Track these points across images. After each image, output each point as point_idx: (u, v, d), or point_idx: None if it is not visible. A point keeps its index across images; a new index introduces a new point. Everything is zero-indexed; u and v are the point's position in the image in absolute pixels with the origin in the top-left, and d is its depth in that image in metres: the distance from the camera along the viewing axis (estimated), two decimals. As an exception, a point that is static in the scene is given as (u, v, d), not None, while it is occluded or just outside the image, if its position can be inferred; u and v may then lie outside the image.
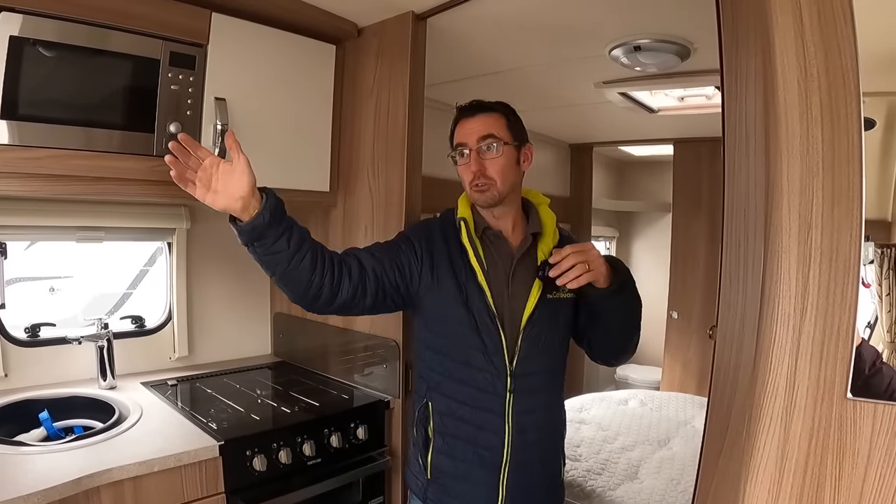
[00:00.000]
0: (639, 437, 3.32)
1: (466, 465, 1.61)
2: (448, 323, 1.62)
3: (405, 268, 1.63)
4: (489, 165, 1.59)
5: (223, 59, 1.92)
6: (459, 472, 1.62)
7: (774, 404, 1.09)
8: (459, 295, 1.59)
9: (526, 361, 1.59)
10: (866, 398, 1.01)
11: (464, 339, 1.59)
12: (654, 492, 2.65)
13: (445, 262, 1.62)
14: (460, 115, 1.68)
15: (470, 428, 1.60)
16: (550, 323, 1.63)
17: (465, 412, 1.61)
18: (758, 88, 1.18)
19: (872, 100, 1.04)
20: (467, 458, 1.61)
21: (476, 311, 1.58)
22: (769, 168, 1.13)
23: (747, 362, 1.17)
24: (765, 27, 1.13)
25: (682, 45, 2.21)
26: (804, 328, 1.07)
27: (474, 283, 1.59)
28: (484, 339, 1.57)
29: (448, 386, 1.63)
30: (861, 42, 1.02)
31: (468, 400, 1.60)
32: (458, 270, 1.61)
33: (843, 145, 1.03)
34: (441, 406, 1.64)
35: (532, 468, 1.64)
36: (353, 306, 1.60)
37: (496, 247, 1.65)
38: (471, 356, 1.59)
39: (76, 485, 1.41)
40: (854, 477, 1.00)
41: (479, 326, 1.57)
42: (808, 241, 1.07)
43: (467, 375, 1.60)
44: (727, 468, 1.20)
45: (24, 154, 1.57)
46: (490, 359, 1.57)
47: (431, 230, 1.69)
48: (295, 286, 1.52)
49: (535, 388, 1.63)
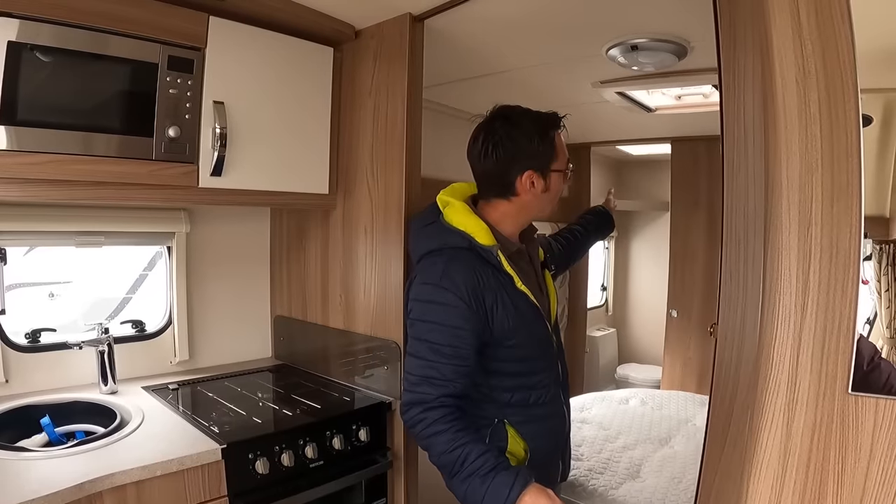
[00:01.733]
0: (640, 436, 3.32)
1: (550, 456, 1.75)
2: (517, 349, 1.61)
3: (480, 335, 1.52)
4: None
5: (221, 63, 1.92)
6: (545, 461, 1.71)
7: (776, 400, 1.10)
8: (522, 325, 1.59)
9: (560, 348, 1.78)
10: (866, 393, 1.01)
11: (531, 356, 1.66)
12: (656, 490, 2.65)
13: (494, 299, 1.52)
14: (558, 126, 1.61)
15: (550, 422, 1.71)
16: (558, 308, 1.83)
17: (540, 411, 1.67)
18: (756, 86, 1.19)
19: (870, 96, 1.04)
20: (549, 448, 1.73)
21: (535, 329, 1.65)
22: (768, 165, 1.14)
23: (748, 359, 1.17)
24: (762, 25, 1.13)
25: (679, 44, 2.21)
26: (805, 324, 1.07)
27: (527, 305, 1.61)
28: (543, 347, 1.69)
29: (522, 397, 1.64)
30: (858, 39, 1.02)
31: (540, 400, 1.67)
32: (508, 301, 1.55)
33: (842, 142, 1.04)
34: (519, 416, 1.64)
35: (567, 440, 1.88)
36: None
37: (522, 260, 1.69)
38: (536, 365, 1.67)
39: (79, 490, 1.41)
40: (857, 471, 1.01)
41: (541, 341, 1.68)
42: (807, 238, 1.07)
43: (537, 381, 1.67)
44: (730, 465, 1.20)
45: (23, 159, 1.57)
46: (547, 358, 1.71)
47: (466, 279, 1.50)
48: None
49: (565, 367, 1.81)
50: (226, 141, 1.90)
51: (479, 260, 1.54)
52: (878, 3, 1.07)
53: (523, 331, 1.59)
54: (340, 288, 2.39)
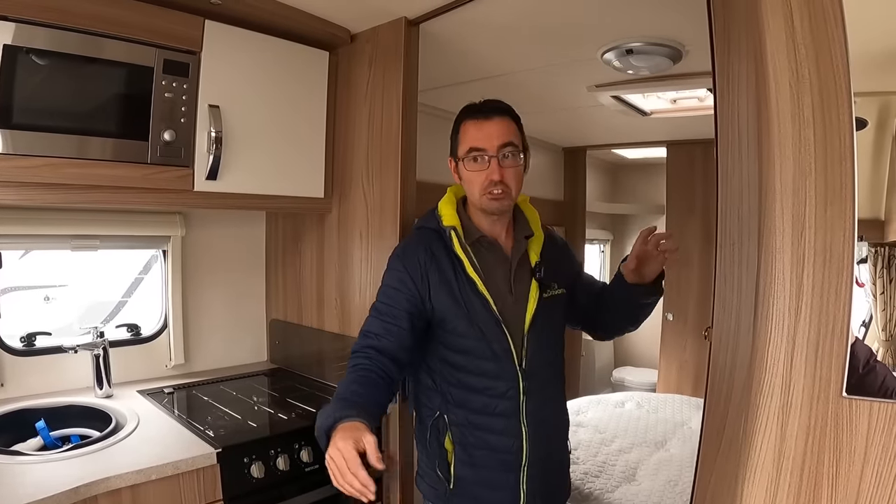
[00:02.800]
0: (636, 439, 3.32)
1: (489, 472, 1.60)
2: (457, 337, 1.59)
3: (416, 304, 1.58)
4: (507, 174, 1.56)
5: (217, 67, 1.92)
6: (482, 478, 1.61)
7: (771, 404, 1.10)
8: (459, 309, 1.57)
9: (533, 361, 1.59)
10: (861, 396, 1.02)
11: (474, 350, 1.58)
12: (651, 493, 2.66)
13: (438, 278, 1.58)
14: (472, 115, 1.60)
15: (489, 435, 1.59)
16: (549, 320, 1.64)
17: (482, 421, 1.59)
18: (750, 90, 1.19)
19: (863, 100, 1.05)
20: (489, 465, 1.60)
21: (481, 321, 1.56)
22: (762, 169, 1.14)
23: (743, 362, 1.18)
24: (756, 29, 1.14)
25: (674, 48, 2.22)
26: (799, 327, 1.07)
27: (475, 293, 1.57)
28: (493, 347, 1.56)
29: (464, 397, 1.61)
30: (852, 43, 1.03)
31: (484, 408, 1.59)
32: (454, 284, 1.58)
33: (836, 146, 1.04)
34: (458, 418, 1.61)
35: (546, 462, 1.65)
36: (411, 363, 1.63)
37: (492, 253, 1.63)
38: (483, 366, 1.58)
39: (74, 494, 1.41)
40: (851, 475, 1.01)
41: (486, 335, 1.56)
42: (801, 241, 1.08)
43: (481, 384, 1.58)
44: (725, 468, 1.20)
45: (18, 163, 1.57)
46: (501, 365, 1.57)
47: (416, 251, 1.62)
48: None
49: (543, 385, 1.63)
50: (221, 145, 1.90)
51: (439, 240, 1.62)
52: (871, 7, 1.07)
53: (464, 319, 1.56)
54: (336, 291, 2.39)
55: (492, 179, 1.55)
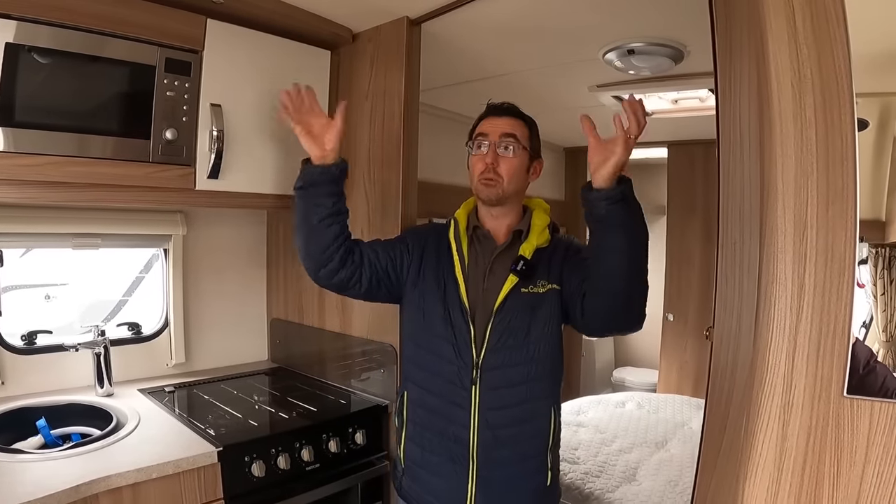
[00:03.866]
0: (636, 440, 3.32)
1: (436, 458, 1.63)
2: (424, 315, 1.66)
3: (397, 260, 1.72)
4: (502, 162, 1.62)
5: (219, 65, 1.92)
6: (430, 463, 1.64)
7: (772, 403, 1.10)
8: (438, 289, 1.64)
9: (495, 355, 1.57)
10: (862, 396, 1.02)
11: (437, 330, 1.63)
12: (652, 493, 2.66)
13: (433, 258, 1.69)
14: (489, 111, 1.70)
15: (439, 419, 1.62)
16: (524, 316, 1.59)
17: (434, 402, 1.64)
18: (752, 91, 1.19)
19: (865, 100, 1.05)
20: (436, 450, 1.63)
21: (451, 303, 1.62)
22: (764, 169, 1.14)
23: (744, 362, 1.18)
24: (758, 30, 1.14)
25: (676, 49, 2.22)
26: (801, 327, 1.07)
27: (452, 276, 1.64)
28: (455, 332, 1.60)
29: (421, 376, 1.67)
30: (854, 43, 1.03)
31: (438, 391, 1.63)
32: (442, 265, 1.67)
33: (837, 146, 1.04)
34: (414, 395, 1.69)
35: (507, 468, 1.59)
36: (349, 287, 1.71)
37: (482, 245, 1.68)
38: (442, 347, 1.62)
39: (75, 492, 1.41)
40: (852, 475, 1.01)
41: (452, 319, 1.61)
42: (803, 242, 1.08)
43: (437, 367, 1.63)
44: (725, 468, 1.20)
45: (20, 161, 1.57)
46: (458, 351, 1.59)
47: (431, 231, 1.78)
48: (315, 244, 1.66)
49: (508, 383, 1.58)
50: (223, 143, 1.90)
51: (446, 228, 1.73)
52: (873, 8, 1.07)
53: (438, 299, 1.64)
54: (337, 291, 2.38)
55: (486, 163, 1.62)
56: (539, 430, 1.63)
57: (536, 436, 1.62)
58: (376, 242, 1.77)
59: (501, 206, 1.67)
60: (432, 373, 1.64)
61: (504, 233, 1.69)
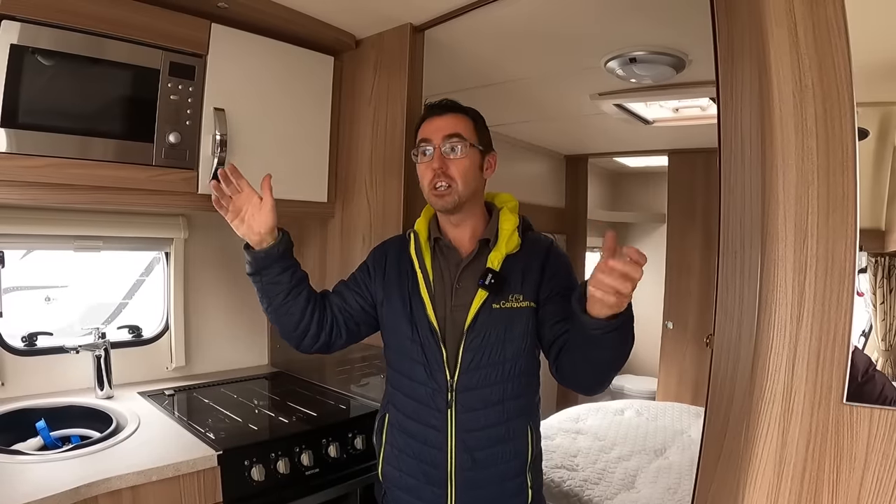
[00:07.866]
0: (635, 447, 3.32)
1: (414, 480, 1.57)
2: (396, 336, 1.59)
3: (364, 292, 1.67)
4: (452, 166, 1.51)
5: (222, 70, 1.93)
6: (407, 485, 1.58)
7: (772, 410, 1.10)
8: (404, 308, 1.56)
9: (470, 376, 1.49)
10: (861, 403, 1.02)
11: (408, 352, 1.56)
12: (650, 501, 2.66)
13: (395, 273, 1.62)
14: (428, 112, 1.59)
15: (415, 443, 1.56)
16: (498, 334, 1.49)
17: (410, 426, 1.57)
18: (753, 100, 1.20)
19: (865, 110, 1.06)
20: (413, 473, 1.57)
21: (419, 323, 1.54)
22: (765, 178, 1.15)
23: (744, 369, 1.18)
24: (760, 40, 1.15)
25: (678, 57, 2.23)
26: (801, 335, 1.08)
27: (418, 294, 1.55)
28: (426, 353, 1.52)
29: (399, 399, 1.60)
30: (854, 53, 1.03)
31: (413, 414, 1.56)
32: (405, 283, 1.59)
33: (838, 155, 1.05)
34: (393, 418, 1.62)
35: (486, 489, 1.52)
36: (333, 343, 1.67)
37: (447, 257, 1.59)
38: (414, 370, 1.55)
39: (74, 494, 1.41)
40: (851, 481, 1.01)
41: (421, 339, 1.53)
42: (803, 250, 1.08)
43: (412, 389, 1.56)
44: (725, 475, 1.20)
45: (23, 163, 1.58)
46: (430, 373, 1.52)
47: (388, 247, 1.71)
48: (288, 321, 1.63)
49: (484, 403, 1.50)
50: (226, 148, 1.91)
51: (406, 242, 1.65)
52: (874, 18, 1.08)
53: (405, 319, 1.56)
54: (337, 295, 2.39)
55: (433, 169, 1.52)
56: (517, 451, 1.55)
57: (516, 456, 1.55)
58: (340, 285, 1.72)
59: (460, 212, 1.55)
60: (406, 395, 1.58)
61: (468, 241, 1.59)
